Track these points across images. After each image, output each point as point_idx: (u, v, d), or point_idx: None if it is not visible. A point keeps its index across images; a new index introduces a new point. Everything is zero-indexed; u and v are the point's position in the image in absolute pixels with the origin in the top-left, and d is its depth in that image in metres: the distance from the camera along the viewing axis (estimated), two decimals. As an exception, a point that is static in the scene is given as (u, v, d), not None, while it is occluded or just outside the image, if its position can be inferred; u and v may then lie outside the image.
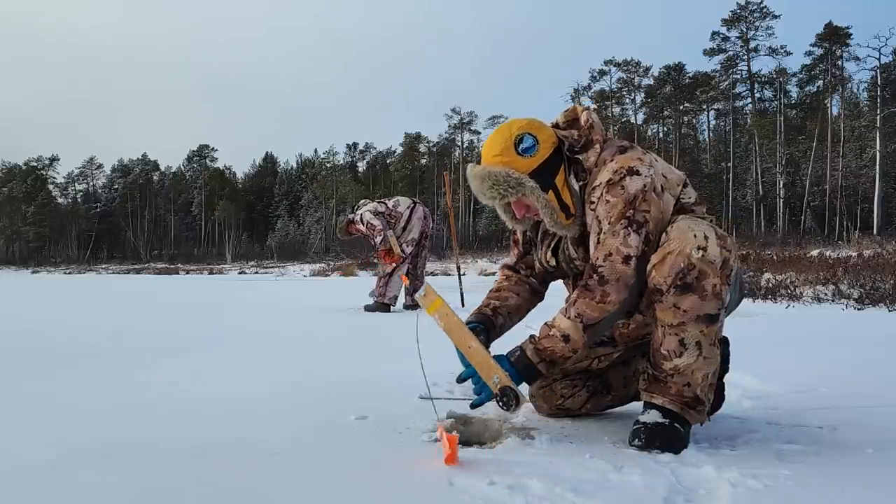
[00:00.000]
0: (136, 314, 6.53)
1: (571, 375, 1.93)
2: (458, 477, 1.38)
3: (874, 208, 31.30)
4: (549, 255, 1.84)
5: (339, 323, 5.33)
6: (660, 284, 1.57)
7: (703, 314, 1.56)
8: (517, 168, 1.67)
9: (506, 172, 1.66)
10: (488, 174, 1.68)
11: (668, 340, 1.59)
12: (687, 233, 1.56)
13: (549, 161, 1.70)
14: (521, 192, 1.67)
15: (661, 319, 1.60)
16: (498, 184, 1.67)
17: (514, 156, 1.68)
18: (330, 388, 2.44)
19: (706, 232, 1.56)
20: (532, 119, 1.76)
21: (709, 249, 1.54)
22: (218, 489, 1.34)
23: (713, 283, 1.55)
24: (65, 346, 3.81)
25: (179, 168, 72.13)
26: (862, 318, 5.37)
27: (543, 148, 1.69)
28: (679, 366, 1.59)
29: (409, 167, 59.38)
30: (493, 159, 1.70)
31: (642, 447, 1.59)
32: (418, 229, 6.26)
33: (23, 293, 11.86)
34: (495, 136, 1.73)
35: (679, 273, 1.54)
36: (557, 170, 1.71)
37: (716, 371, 1.65)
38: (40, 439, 1.75)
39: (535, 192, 1.67)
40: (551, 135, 1.73)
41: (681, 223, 1.59)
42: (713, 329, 1.59)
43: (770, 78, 40.67)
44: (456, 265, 7.24)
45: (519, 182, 1.66)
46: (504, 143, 1.69)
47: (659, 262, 1.57)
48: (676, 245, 1.55)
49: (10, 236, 62.79)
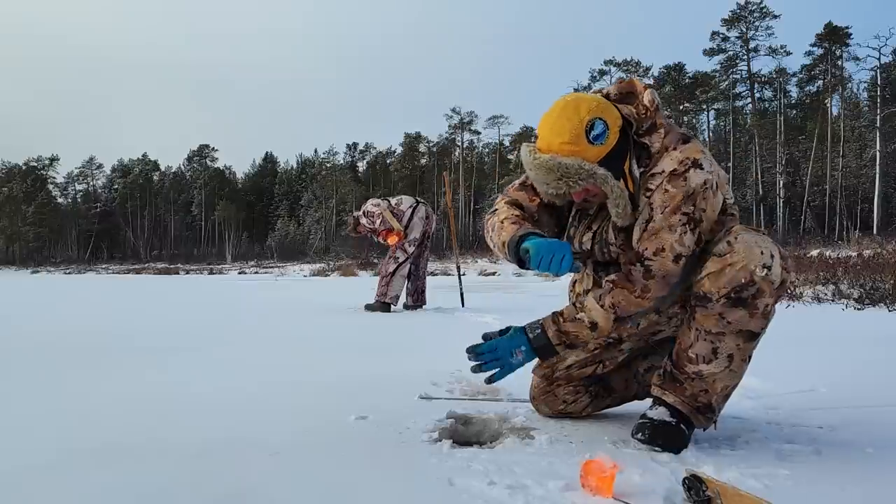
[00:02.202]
0: (136, 314, 6.53)
1: (575, 381, 1.90)
2: (458, 477, 1.38)
3: (874, 208, 31.28)
4: (586, 237, 1.73)
5: (339, 323, 5.33)
6: (710, 293, 1.52)
7: (745, 330, 1.53)
8: (588, 158, 1.53)
9: (578, 164, 1.52)
10: (558, 165, 1.52)
11: (701, 345, 1.56)
12: (754, 248, 1.50)
13: (617, 146, 1.56)
14: (590, 182, 1.54)
15: (699, 323, 1.56)
16: (568, 176, 1.53)
17: (586, 144, 1.52)
18: (330, 388, 2.44)
19: (773, 250, 1.51)
20: (599, 98, 1.61)
21: (773, 269, 1.50)
22: (218, 489, 1.33)
23: (766, 303, 1.51)
24: (65, 345, 3.80)
25: (179, 168, 72.17)
26: (862, 318, 5.37)
27: (613, 133, 1.55)
28: (703, 371, 1.57)
29: (409, 167, 59.36)
30: (562, 147, 1.53)
31: (644, 441, 1.58)
32: (420, 229, 6.26)
33: (23, 293, 11.85)
34: (562, 120, 1.54)
35: (737, 287, 1.50)
36: (625, 156, 1.58)
37: (736, 385, 1.62)
38: (41, 439, 1.75)
39: (609, 181, 1.54)
40: (618, 116, 1.58)
41: (746, 236, 1.53)
42: (750, 346, 1.56)
43: (770, 78, 40.65)
44: (456, 265, 7.23)
45: (591, 174, 1.53)
46: (574, 130, 1.52)
47: (716, 272, 1.51)
48: (741, 259, 1.50)
49: (10, 236, 62.74)
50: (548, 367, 1.92)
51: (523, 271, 1.74)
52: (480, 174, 56.92)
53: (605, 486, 1.27)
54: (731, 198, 1.68)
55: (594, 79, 46.79)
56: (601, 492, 1.27)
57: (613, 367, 1.89)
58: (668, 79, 43.98)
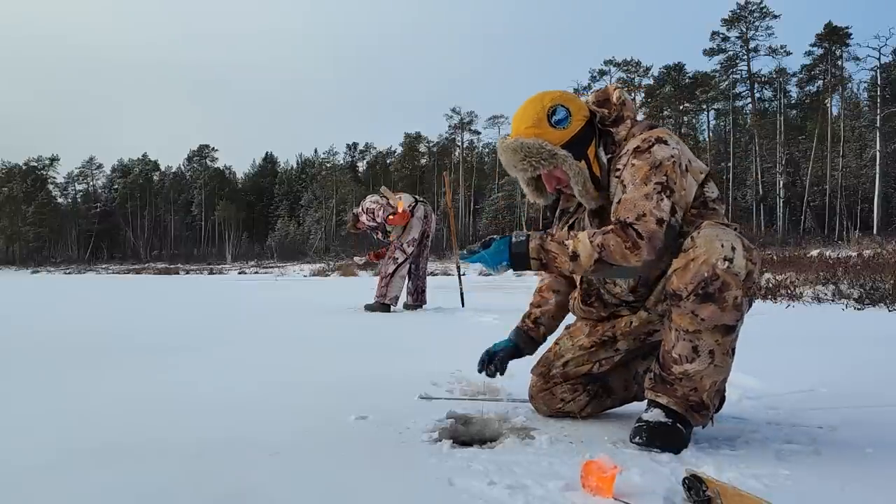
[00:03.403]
0: (136, 314, 6.53)
1: (572, 380, 1.91)
2: (458, 477, 1.38)
3: (874, 208, 31.29)
4: (564, 232, 1.81)
5: (339, 323, 5.33)
6: (679, 290, 1.54)
7: (720, 324, 1.53)
8: (550, 140, 1.66)
9: (539, 144, 1.66)
10: (521, 146, 1.67)
11: (681, 345, 1.57)
12: (714, 241, 1.52)
13: (582, 133, 1.69)
14: (553, 163, 1.67)
15: (676, 323, 1.57)
16: (530, 155, 1.66)
17: (547, 127, 1.67)
18: (330, 388, 2.44)
19: (734, 242, 1.52)
20: (564, 91, 1.75)
21: (735, 261, 1.50)
22: (218, 489, 1.33)
23: (735, 295, 1.51)
24: (65, 345, 3.80)
25: (179, 168, 72.20)
26: (862, 318, 5.37)
27: (576, 120, 1.69)
28: (689, 371, 1.57)
29: (409, 167, 59.38)
30: (526, 131, 1.68)
31: (643, 445, 1.58)
32: (419, 229, 6.25)
33: (23, 293, 11.85)
34: (527, 108, 1.71)
35: (702, 282, 1.51)
36: (589, 142, 1.70)
37: (726, 379, 1.63)
38: (41, 439, 1.75)
39: (568, 160, 1.66)
40: (583, 107, 1.72)
41: (708, 230, 1.54)
42: (729, 339, 1.56)
43: (770, 78, 40.66)
44: (456, 265, 7.23)
45: (552, 154, 1.66)
46: (536, 115, 1.68)
47: (682, 268, 1.54)
48: (702, 253, 1.52)
49: (10, 236, 62.76)
50: (544, 365, 1.94)
51: (523, 272, 1.77)
52: (480, 174, 56.95)
53: (605, 486, 1.26)
54: (714, 193, 1.69)
55: (594, 79, 46.79)
56: (601, 492, 1.27)
57: (612, 368, 1.89)
58: (668, 79, 43.98)
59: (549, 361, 1.94)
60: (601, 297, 1.84)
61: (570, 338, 1.94)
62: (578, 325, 1.96)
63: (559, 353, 1.93)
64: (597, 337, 1.87)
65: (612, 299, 1.82)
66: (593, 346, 1.87)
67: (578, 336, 1.92)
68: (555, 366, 1.91)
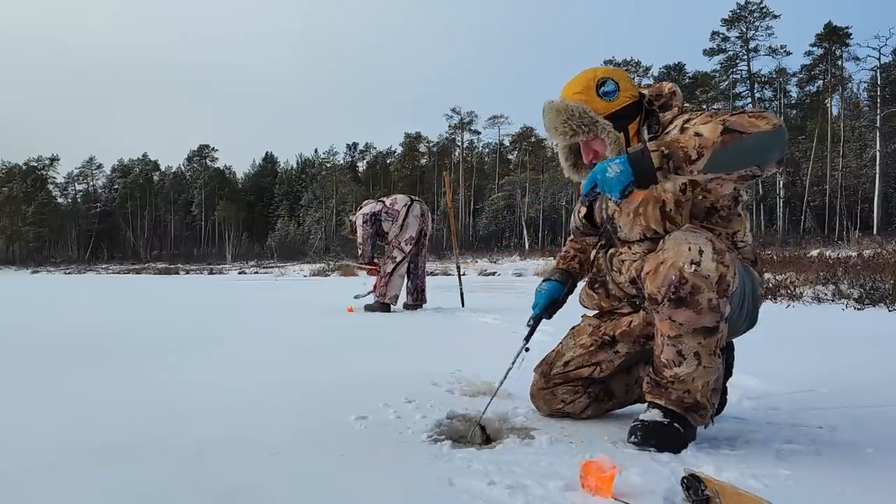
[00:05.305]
0: (136, 314, 6.53)
1: (573, 381, 1.91)
2: (458, 477, 1.38)
3: (874, 208, 31.28)
4: (583, 212, 1.93)
5: (339, 323, 5.33)
6: (654, 294, 1.55)
7: (699, 327, 1.53)
8: (595, 108, 1.69)
9: (583, 109, 1.68)
10: (565, 108, 1.69)
11: (667, 350, 1.58)
12: (682, 244, 1.51)
13: (627, 109, 1.72)
14: (594, 131, 1.69)
15: (660, 329, 1.58)
16: (572, 118, 1.68)
17: (594, 96, 1.70)
18: (330, 388, 2.44)
19: (702, 246, 1.50)
20: (618, 68, 1.81)
21: (702, 265, 1.49)
22: (218, 489, 1.33)
23: (708, 298, 1.50)
24: (65, 345, 3.80)
25: (179, 168, 72.18)
26: (862, 318, 5.37)
27: (623, 95, 1.72)
28: (679, 374, 1.58)
29: (409, 167, 59.39)
30: (574, 96, 1.71)
31: (638, 444, 1.59)
32: (415, 227, 6.24)
33: (23, 293, 11.85)
34: (579, 76, 1.75)
35: (671, 286, 1.51)
36: (633, 119, 1.73)
37: (719, 377, 1.62)
38: (41, 439, 1.75)
39: (607, 129, 1.68)
40: (633, 87, 1.75)
41: (678, 233, 1.56)
42: (713, 340, 1.55)
43: (770, 78, 40.68)
44: (456, 265, 7.24)
45: (594, 121, 1.68)
46: (586, 83, 1.71)
47: (652, 272, 1.55)
48: (670, 256, 1.52)
49: (10, 236, 62.75)
50: (546, 364, 1.94)
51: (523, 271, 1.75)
52: (480, 174, 56.92)
53: (604, 486, 1.26)
54: (744, 197, 1.72)
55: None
56: (601, 492, 1.27)
57: (613, 372, 1.89)
58: (668, 79, 43.96)
59: (551, 360, 1.95)
60: (606, 286, 1.86)
61: (573, 337, 1.95)
62: (582, 325, 1.97)
63: (561, 352, 1.94)
64: (598, 336, 1.88)
65: (617, 290, 1.83)
66: (594, 345, 1.88)
67: (581, 336, 1.93)
68: (556, 365, 1.92)
